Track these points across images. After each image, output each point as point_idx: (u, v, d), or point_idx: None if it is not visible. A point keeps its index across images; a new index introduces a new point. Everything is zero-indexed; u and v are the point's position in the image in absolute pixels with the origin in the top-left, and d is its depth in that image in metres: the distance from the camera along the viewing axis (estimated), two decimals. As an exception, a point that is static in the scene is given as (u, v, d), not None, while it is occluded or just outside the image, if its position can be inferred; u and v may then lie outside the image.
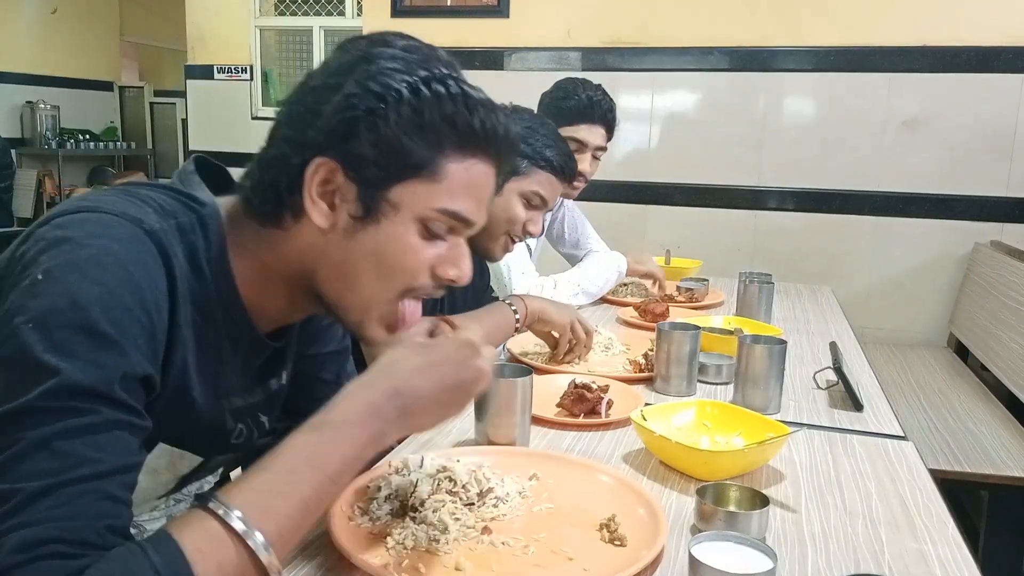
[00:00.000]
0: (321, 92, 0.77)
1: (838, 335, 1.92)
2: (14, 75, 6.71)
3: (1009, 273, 2.60)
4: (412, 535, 0.85)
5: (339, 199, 0.78)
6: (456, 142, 0.78)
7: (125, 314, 0.66)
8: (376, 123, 0.75)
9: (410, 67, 0.77)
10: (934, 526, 0.96)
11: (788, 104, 3.23)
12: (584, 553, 0.85)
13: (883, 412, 1.38)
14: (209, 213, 0.79)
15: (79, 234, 0.68)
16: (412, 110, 0.76)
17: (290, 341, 0.95)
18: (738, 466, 1.08)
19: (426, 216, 0.79)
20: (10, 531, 0.57)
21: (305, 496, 0.69)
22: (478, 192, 0.82)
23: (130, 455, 0.65)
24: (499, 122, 0.80)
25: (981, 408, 2.38)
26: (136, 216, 0.72)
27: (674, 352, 1.42)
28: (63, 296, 0.64)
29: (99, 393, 0.63)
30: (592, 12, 3.38)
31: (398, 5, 3.59)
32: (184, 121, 6.08)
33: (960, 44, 2.98)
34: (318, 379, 1.08)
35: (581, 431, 1.24)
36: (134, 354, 0.66)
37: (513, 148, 0.84)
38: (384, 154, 0.76)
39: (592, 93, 2.12)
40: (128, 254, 0.69)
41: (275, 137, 0.81)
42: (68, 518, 0.59)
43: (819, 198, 3.21)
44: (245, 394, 0.90)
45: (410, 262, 0.80)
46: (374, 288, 0.81)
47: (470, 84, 0.80)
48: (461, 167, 0.79)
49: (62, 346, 0.63)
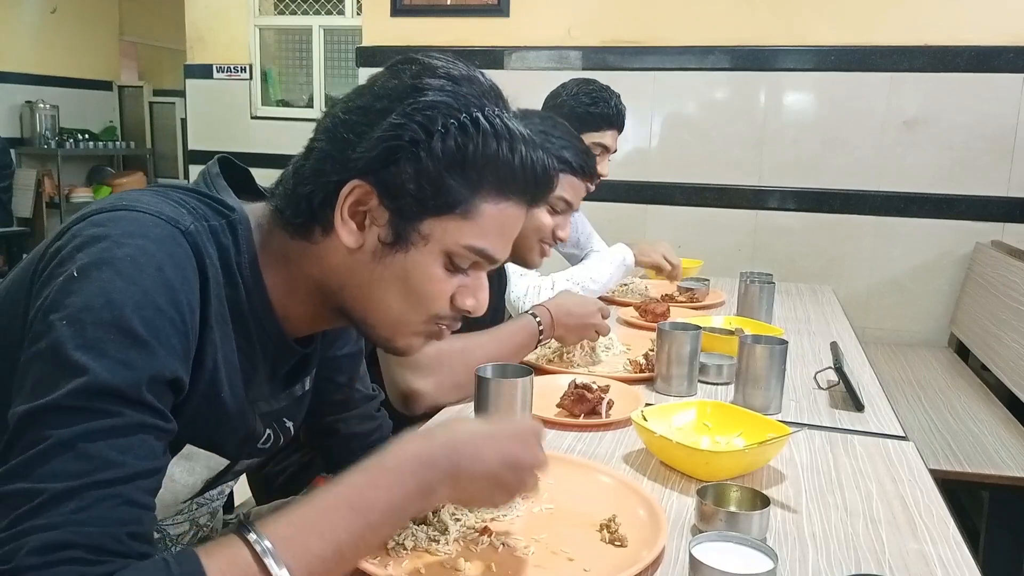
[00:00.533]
0: (367, 114, 0.77)
1: (839, 335, 1.91)
2: (13, 75, 6.70)
3: (1010, 273, 2.60)
4: (412, 535, 0.85)
5: (369, 221, 0.78)
6: (494, 184, 0.79)
7: (158, 314, 0.66)
8: (419, 155, 0.75)
9: (460, 102, 0.77)
10: (935, 526, 0.96)
11: (788, 104, 3.23)
12: (584, 554, 0.85)
13: (884, 412, 1.38)
14: (239, 219, 0.79)
15: (116, 232, 0.69)
16: (456, 147, 0.76)
17: (316, 347, 0.95)
18: (739, 466, 1.08)
19: (453, 251, 0.79)
20: (32, 532, 0.57)
21: (341, 540, 0.66)
22: (507, 232, 0.83)
23: (154, 459, 0.64)
24: (538, 162, 0.80)
25: (982, 408, 2.37)
26: (172, 216, 0.72)
27: (675, 352, 1.42)
28: (98, 294, 0.65)
29: (126, 395, 0.63)
30: (592, 11, 3.38)
31: (398, 4, 3.59)
32: (183, 121, 6.08)
33: (960, 44, 2.97)
34: (332, 381, 1.08)
35: (581, 431, 1.24)
36: (164, 355, 0.66)
37: (549, 188, 0.84)
38: (422, 187, 0.76)
39: (618, 102, 2.18)
40: (163, 254, 0.69)
41: (314, 150, 0.80)
42: (89, 523, 0.58)
43: (820, 198, 3.20)
44: (272, 399, 0.90)
45: (432, 291, 0.80)
46: (399, 310, 0.81)
47: (514, 119, 0.80)
48: (495, 208, 0.80)
49: (94, 344, 0.63)
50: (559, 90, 2.21)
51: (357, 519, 0.67)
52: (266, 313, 0.82)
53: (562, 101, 2.17)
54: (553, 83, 2.28)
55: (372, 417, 1.19)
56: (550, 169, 0.83)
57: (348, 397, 1.14)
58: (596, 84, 2.20)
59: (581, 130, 2.12)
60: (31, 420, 0.61)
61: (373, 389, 1.20)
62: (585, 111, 2.13)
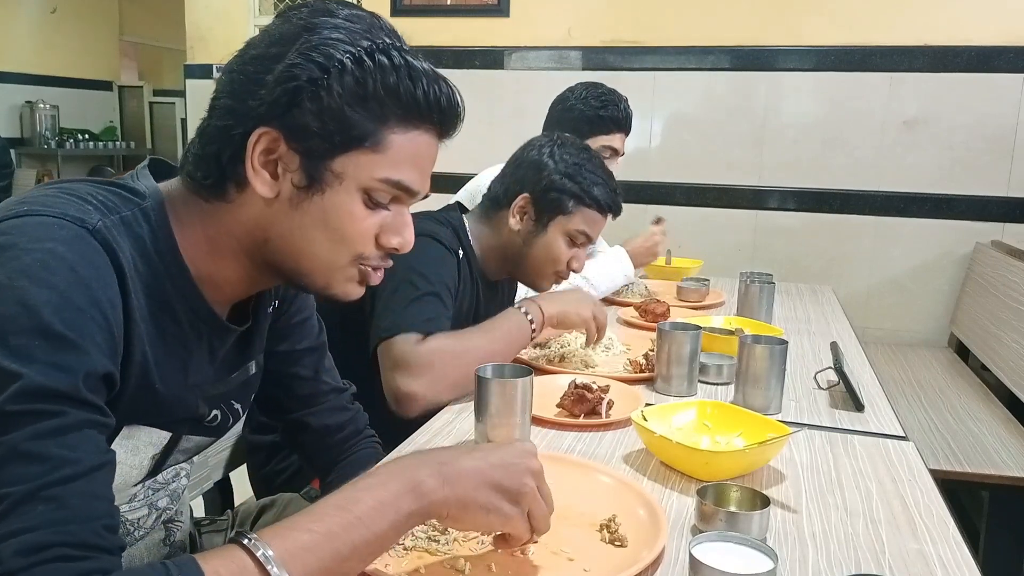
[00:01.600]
0: (262, 61, 0.77)
1: (839, 335, 1.91)
2: (13, 75, 6.71)
3: (1010, 273, 2.60)
4: (412, 535, 0.85)
5: (282, 169, 0.78)
6: (399, 114, 0.78)
7: (78, 314, 0.66)
8: (319, 94, 0.75)
9: (353, 37, 0.77)
10: (935, 526, 0.96)
11: (788, 104, 3.23)
12: (584, 554, 0.85)
13: (884, 412, 1.38)
14: (151, 204, 0.78)
15: (22, 239, 0.67)
16: (355, 81, 0.76)
17: (256, 327, 0.95)
18: (739, 466, 1.08)
19: (369, 186, 0.79)
20: (6, 537, 0.57)
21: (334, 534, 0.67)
22: (421, 162, 0.82)
23: (103, 453, 0.65)
24: (442, 92, 0.80)
25: (982, 408, 2.37)
26: (77, 215, 0.71)
27: (675, 352, 1.42)
28: (14, 303, 0.63)
29: (64, 394, 0.63)
30: (593, 11, 3.38)
31: (398, 4, 3.59)
32: (184, 121, 6.08)
33: (960, 44, 2.97)
34: (295, 376, 1.09)
35: (581, 431, 1.24)
36: (94, 353, 0.66)
37: (457, 117, 0.84)
38: (327, 125, 0.76)
39: (627, 105, 2.21)
40: (74, 255, 0.68)
41: (216, 108, 0.80)
42: (67, 521, 0.58)
43: (820, 198, 3.21)
44: (217, 382, 0.90)
45: (355, 230, 0.80)
46: (326, 254, 0.81)
47: (414, 54, 0.80)
48: (404, 138, 0.79)
49: (20, 351, 0.62)
50: (567, 94, 2.21)
51: (345, 515, 0.68)
52: (191, 293, 0.81)
53: (571, 105, 2.17)
54: (553, 83, 2.29)
55: (344, 408, 1.19)
56: (455, 99, 0.82)
57: (315, 391, 1.14)
58: (604, 88, 2.21)
59: (590, 133, 2.13)
60: None
61: (344, 383, 1.20)
62: (595, 114, 2.15)
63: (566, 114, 2.16)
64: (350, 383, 1.22)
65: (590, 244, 1.62)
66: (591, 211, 1.57)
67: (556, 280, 1.61)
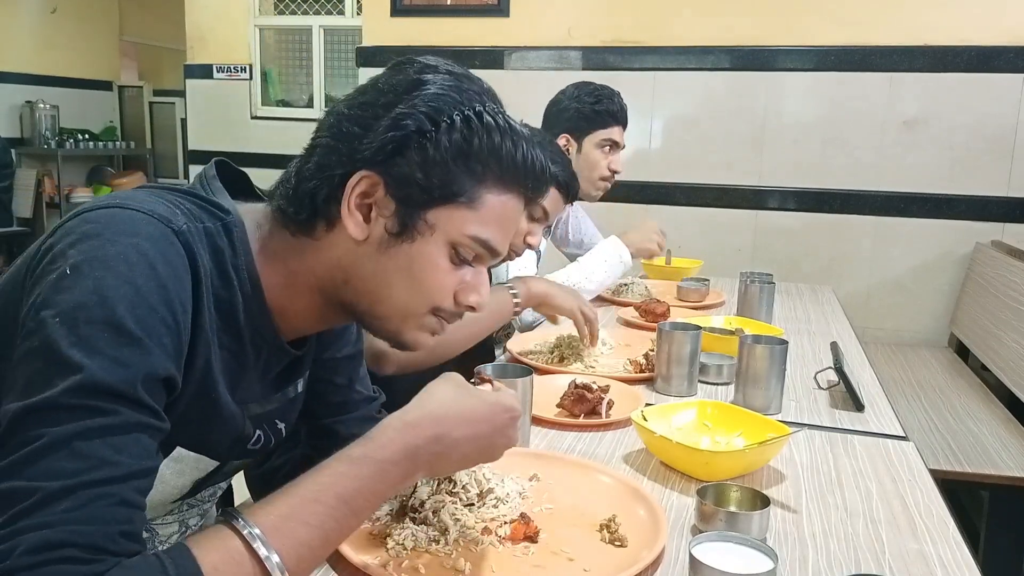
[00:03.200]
0: (372, 108, 0.78)
1: (839, 335, 1.92)
2: (13, 75, 6.70)
3: (1010, 273, 2.60)
4: (412, 535, 0.85)
5: (375, 213, 0.79)
6: (497, 175, 0.80)
7: (151, 313, 0.66)
8: (425, 146, 0.77)
9: (464, 96, 0.79)
10: (935, 526, 0.96)
11: (788, 104, 3.23)
12: (584, 554, 0.85)
13: (884, 412, 1.38)
14: (233, 220, 0.79)
15: (109, 230, 0.68)
16: (462, 138, 0.77)
17: (309, 349, 0.95)
18: (739, 466, 1.08)
19: (458, 240, 0.80)
20: (26, 531, 0.57)
21: (327, 527, 0.69)
22: (507, 225, 0.84)
23: (148, 458, 0.64)
24: (538, 159, 0.82)
25: (982, 408, 2.37)
26: (165, 215, 0.72)
27: (675, 352, 1.42)
28: (91, 292, 0.64)
29: (121, 393, 0.63)
30: (593, 11, 3.38)
31: (398, 4, 3.59)
32: (183, 121, 6.08)
33: (960, 44, 2.97)
34: (331, 383, 1.08)
35: (581, 431, 1.24)
36: (158, 354, 0.66)
37: (547, 184, 0.87)
38: (429, 177, 0.77)
39: (620, 98, 2.23)
40: (156, 252, 0.69)
41: (317, 147, 0.81)
42: (83, 522, 0.58)
43: (820, 198, 3.21)
44: (263, 401, 0.90)
45: (437, 282, 0.81)
46: (404, 301, 0.82)
47: (513, 119, 0.82)
48: (498, 200, 0.81)
49: (87, 342, 0.63)
50: (559, 96, 2.22)
51: (343, 508, 0.70)
52: (262, 315, 0.81)
53: (564, 106, 2.18)
54: (553, 83, 2.29)
55: (372, 419, 1.19)
56: (547, 167, 0.85)
57: (347, 399, 1.14)
58: (594, 84, 2.22)
59: (589, 129, 2.14)
60: (25, 418, 0.61)
61: (374, 391, 1.20)
62: (591, 110, 2.16)
63: (561, 115, 2.17)
64: (380, 391, 1.23)
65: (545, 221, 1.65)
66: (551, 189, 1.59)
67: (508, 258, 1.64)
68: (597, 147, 2.17)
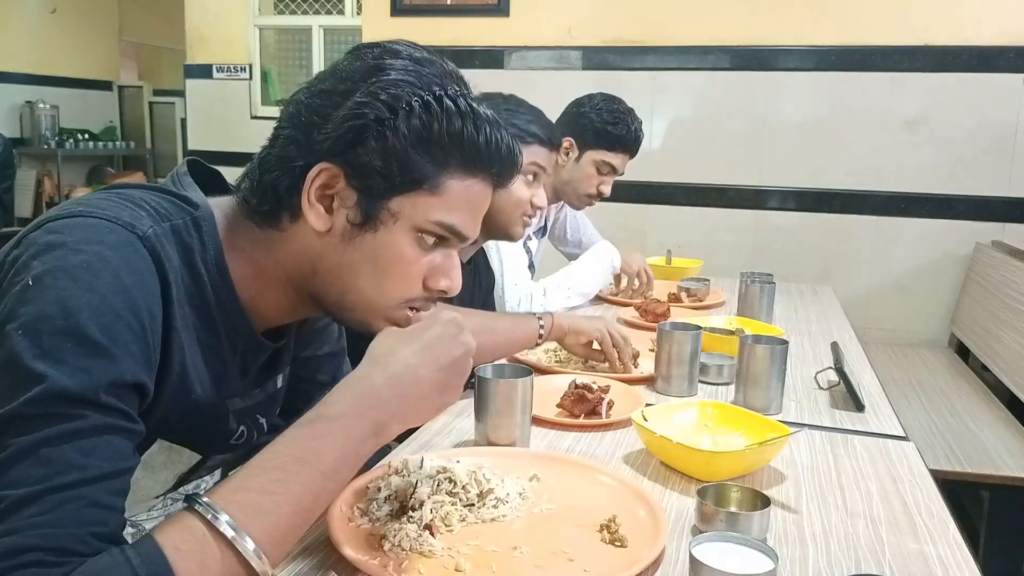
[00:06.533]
0: (331, 96, 0.78)
1: (839, 335, 1.91)
2: (13, 75, 6.70)
3: (1010, 273, 2.60)
4: (411, 535, 0.84)
5: (337, 204, 0.78)
6: (460, 160, 0.79)
7: (116, 321, 0.66)
8: (385, 134, 0.76)
9: (423, 81, 0.77)
10: (935, 526, 0.96)
11: (789, 103, 3.23)
12: (585, 554, 0.85)
13: (884, 412, 1.38)
14: (203, 215, 0.79)
15: (71, 239, 0.68)
16: (421, 124, 0.76)
17: (288, 342, 0.95)
18: (739, 467, 1.08)
19: (422, 226, 0.80)
20: None
21: (296, 492, 0.68)
22: (475, 209, 0.83)
23: (120, 460, 0.64)
24: (503, 141, 0.81)
25: (982, 408, 2.37)
26: (129, 221, 0.71)
27: (675, 352, 1.42)
28: (53, 303, 0.64)
29: (86, 399, 0.62)
30: (593, 11, 3.38)
31: (398, 4, 3.59)
32: (183, 121, 6.07)
33: (961, 44, 2.97)
34: (314, 381, 1.08)
35: (581, 432, 1.24)
36: (125, 361, 0.66)
37: (514, 167, 0.85)
38: (389, 165, 0.76)
39: (639, 128, 2.18)
40: (120, 260, 0.68)
41: (279, 137, 0.80)
42: (50, 525, 0.58)
43: (820, 198, 3.20)
44: (245, 396, 0.90)
45: (403, 270, 0.81)
46: (372, 292, 0.81)
47: (479, 101, 0.81)
48: (462, 185, 0.80)
49: (51, 353, 0.62)
50: (584, 99, 2.20)
51: (308, 470, 0.69)
52: (233, 308, 0.81)
53: (584, 112, 2.16)
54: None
55: None
56: (514, 149, 0.83)
57: None
58: (623, 105, 2.19)
59: (595, 145, 2.13)
60: None
61: None
62: (604, 127, 2.13)
63: (577, 119, 2.16)
64: None
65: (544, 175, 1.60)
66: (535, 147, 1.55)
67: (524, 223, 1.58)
68: (595, 164, 2.16)
